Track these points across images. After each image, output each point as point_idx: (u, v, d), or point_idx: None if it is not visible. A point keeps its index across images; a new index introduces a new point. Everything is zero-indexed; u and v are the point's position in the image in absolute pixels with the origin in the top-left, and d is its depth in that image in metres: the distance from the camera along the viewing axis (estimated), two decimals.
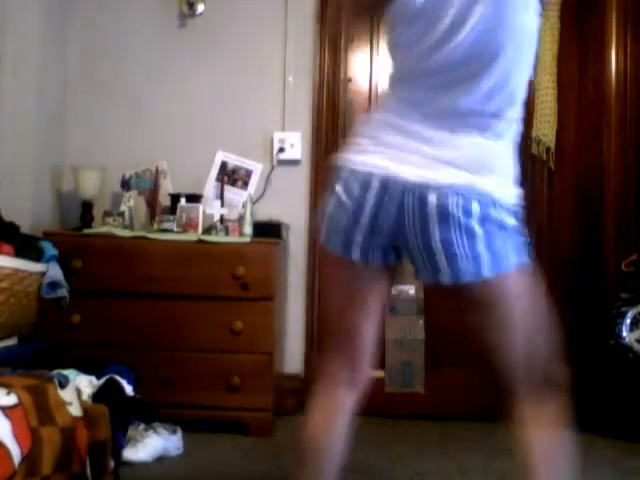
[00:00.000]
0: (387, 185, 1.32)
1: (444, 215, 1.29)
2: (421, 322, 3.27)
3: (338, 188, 1.39)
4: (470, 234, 1.30)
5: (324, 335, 1.58)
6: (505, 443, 1.56)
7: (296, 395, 3.10)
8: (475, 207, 1.29)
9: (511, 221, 1.34)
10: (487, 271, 1.31)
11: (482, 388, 3.26)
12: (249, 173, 3.33)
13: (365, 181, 1.35)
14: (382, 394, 3.21)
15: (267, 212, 3.22)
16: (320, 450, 1.48)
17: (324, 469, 1.47)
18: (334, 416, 1.50)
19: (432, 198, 1.29)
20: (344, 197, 1.38)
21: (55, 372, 2.05)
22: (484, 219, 1.30)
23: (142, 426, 2.54)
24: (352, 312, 1.48)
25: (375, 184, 1.33)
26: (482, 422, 3.10)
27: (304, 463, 1.49)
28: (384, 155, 1.35)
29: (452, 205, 1.29)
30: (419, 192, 1.30)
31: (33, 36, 3.08)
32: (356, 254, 1.40)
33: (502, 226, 1.32)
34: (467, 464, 2.57)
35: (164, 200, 3.23)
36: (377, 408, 3.17)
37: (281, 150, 3.32)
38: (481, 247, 1.30)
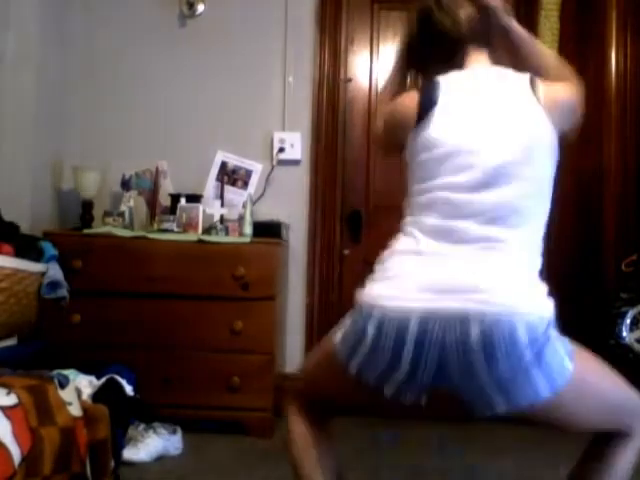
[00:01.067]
0: (426, 325, 1.24)
1: (489, 349, 1.22)
2: None
3: (370, 330, 1.29)
4: (519, 361, 1.23)
5: (303, 372, 1.58)
6: (505, 443, 1.56)
7: None
8: (522, 332, 1.22)
9: (554, 333, 1.29)
10: (545, 392, 1.26)
11: None
12: (249, 173, 3.33)
13: (402, 324, 1.25)
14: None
15: (267, 212, 3.22)
16: (309, 467, 1.49)
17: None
18: (314, 436, 1.50)
19: (475, 333, 1.22)
20: (379, 341, 1.28)
21: (55, 372, 2.04)
22: (532, 342, 1.23)
23: (142, 426, 2.54)
24: (339, 398, 1.47)
25: (414, 326, 1.24)
26: (482, 422, 3.10)
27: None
28: (417, 289, 1.27)
29: (497, 337, 1.21)
30: (460, 326, 1.22)
31: (33, 36, 3.08)
32: (390, 393, 1.33)
33: (550, 341, 1.27)
34: (467, 464, 2.57)
35: (164, 200, 3.22)
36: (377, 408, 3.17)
37: (281, 150, 3.32)
38: (534, 371, 1.24)
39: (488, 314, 1.22)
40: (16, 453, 1.64)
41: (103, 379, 2.36)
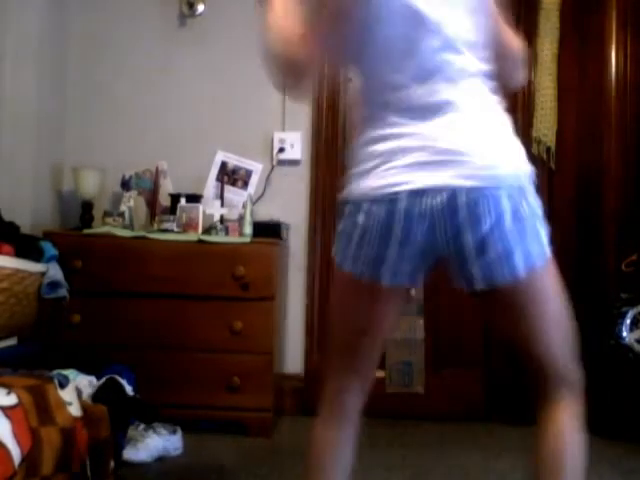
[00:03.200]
0: (415, 200, 1.27)
1: (475, 217, 1.25)
2: (421, 322, 3.27)
3: (361, 220, 1.32)
4: (502, 232, 1.26)
5: (330, 349, 1.55)
6: (505, 443, 1.56)
7: (296, 395, 3.10)
8: (505, 203, 1.26)
9: (537, 205, 1.32)
10: (521, 270, 1.29)
11: (482, 388, 3.27)
12: (249, 173, 3.33)
13: (391, 203, 1.28)
14: (382, 394, 3.21)
15: (267, 212, 3.22)
16: (328, 468, 1.47)
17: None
18: (341, 435, 1.48)
19: (461, 202, 1.25)
20: (370, 227, 1.31)
21: (55, 372, 2.05)
22: (515, 213, 1.27)
23: (142, 426, 2.54)
24: (365, 331, 1.44)
25: (402, 202, 1.27)
26: (482, 422, 3.11)
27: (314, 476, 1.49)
28: (399, 169, 1.29)
29: (482, 206, 1.25)
30: (447, 198, 1.25)
31: (33, 36, 3.08)
32: (386, 279, 1.34)
33: (533, 215, 1.30)
34: (467, 464, 2.57)
35: (164, 200, 3.22)
36: (377, 408, 3.17)
37: (281, 150, 3.32)
38: (514, 244, 1.27)
39: (472, 187, 1.25)
40: (16, 453, 1.64)
41: (103, 379, 2.36)
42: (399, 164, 1.30)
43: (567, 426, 1.42)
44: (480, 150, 1.28)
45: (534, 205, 1.32)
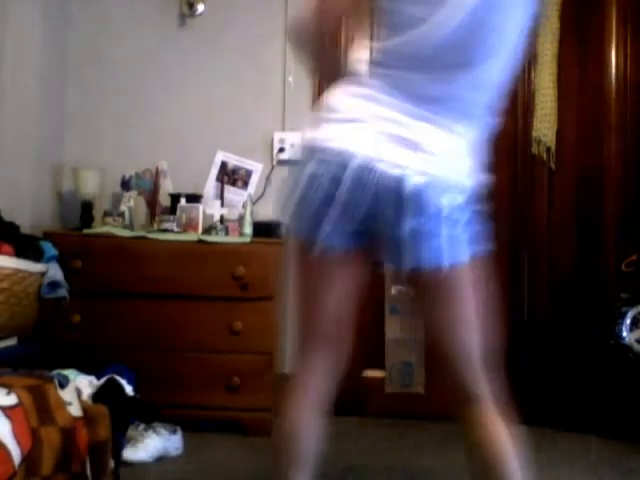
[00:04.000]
0: (366, 168, 1.31)
1: (417, 203, 1.30)
2: (421, 322, 3.27)
3: (313, 168, 1.36)
4: (437, 224, 1.32)
5: (300, 328, 1.56)
6: None
7: None
8: (446, 198, 1.32)
9: (473, 210, 1.38)
10: (446, 261, 1.34)
11: None
12: (249, 173, 3.33)
13: (344, 162, 1.32)
14: (382, 394, 3.21)
15: (267, 212, 3.22)
16: (297, 448, 1.50)
17: (302, 464, 1.50)
18: (312, 418, 1.49)
19: (408, 186, 1.30)
20: (319, 177, 1.34)
21: (55, 372, 2.05)
22: (452, 210, 1.33)
23: (142, 426, 2.54)
24: (329, 300, 1.46)
25: (354, 166, 1.31)
26: None
27: (283, 460, 1.52)
28: (363, 133, 1.33)
29: (426, 195, 1.30)
30: (398, 178, 1.30)
31: (33, 36, 3.08)
32: (323, 237, 1.37)
33: (467, 215, 1.36)
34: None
35: (164, 200, 3.22)
36: (377, 408, 3.17)
37: (281, 150, 3.32)
38: (444, 237, 1.33)
39: (424, 178, 1.30)
40: (16, 453, 1.64)
41: (103, 379, 2.35)
42: (368, 127, 1.34)
43: (488, 426, 1.43)
44: (441, 152, 1.34)
45: (470, 208, 1.37)
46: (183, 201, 3.11)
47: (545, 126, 3.22)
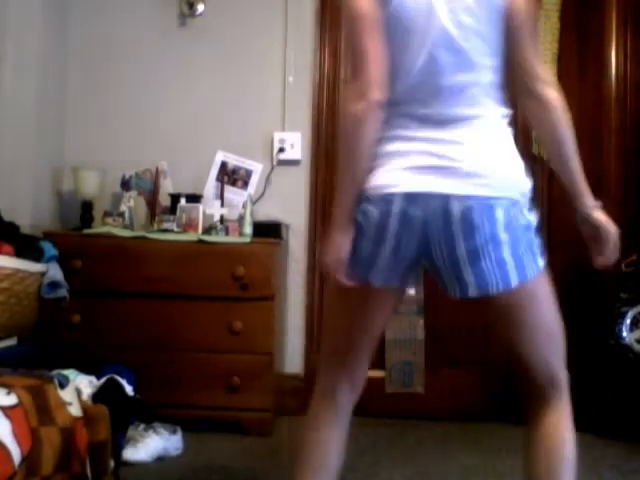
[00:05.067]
0: (409, 203, 1.30)
1: (468, 225, 1.28)
2: (421, 322, 3.27)
3: (358, 219, 1.34)
4: (496, 242, 1.29)
5: (323, 348, 1.57)
6: (505, 443, 1.56)
7: (296, 395, 3.10)
8: (499, 214, 1.29)
9: (532, 218, 1.35)
10: (514, 280, 1.31)
11: (482, 388, 3.27)
12: (249, 173, 3.33)
13: (386, 204, 1.31)
14: (382, 394, 3.21)
15: (267, 212, 3.22)
16: (319, 467, 1.48)
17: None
18: (332, 434, 1.50)
19: (456, 210, 1.27)
20: (365, 226, 1.33)
21: (55, 372, 2.05)
22: (509, 224, 1.30)
23: (142, 426, 2.54)
24: (359, 332, 1.46)
25: (397, 204, 1.30)
26: (482, 422, 3.11)
27: (303, 475, 1.49)
28: (399, 171, 1.32)
29: (476, 215, 1.27)
30: (442, 204, 1.28)
31: (33, 36, 3.08)
32: (377, 280, 1.36)
33: (527, 227, 1.34)
34: (467, 464, 2.57)
35: (164, 200, 3.22)
36: (377, 408, 3.17)
37: (281, 150, 3.31)
38: (507, 255, 1.30)
39: (466, 196, 1.28)
40: (16, 453, 1.65)
41: (103, 379, 2.36)
42: (398, 166, 1.32)
43: (560, 426, 1.44)
44: (478, 161, 1.32)
45: (529, 218, 1.35)
46: (183, 201, 3.11)
47: None
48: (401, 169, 1.32)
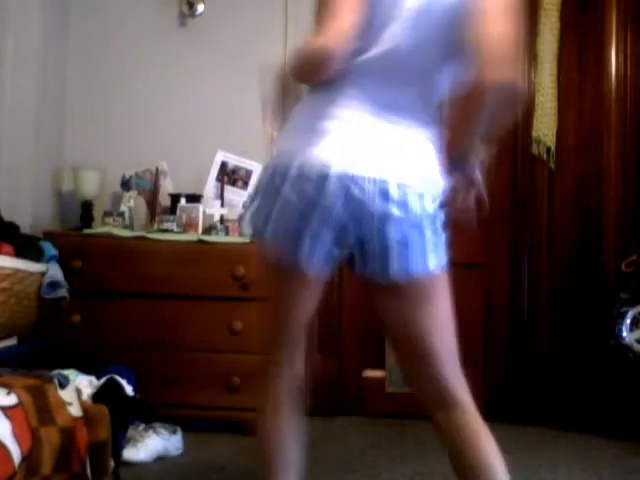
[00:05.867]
0: (344, 182, 1.29)
1: (402, 210, 1.30)
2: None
3: (287, 188, 1.31)
4: (421, 230, 1.32)
5: (265, 334, 1.61)
6: (505, 443, 1.56)
7: None
8: (428, 203, 1.32)
9: (444, 214, 1.39)
10: (432, 263, 1.35)
11: (482, 388, 3.27)
12: (249, 173, 3.33)
13: (320, 179, 1.29)
14: (382, 394, 3.20)
15: None
16: (276, 453, 1.50)
17: (284, 468, 1.50)
18: (284, 421, 1.52)
19: (393, 194, 1.29)
20: (294, 197, 1.31)
21: (55, 372, 2.05)
22: (435, 216, 1.34)
23: (142, 426, 2.54)
24: (295, 314, 1.48)
25: (332, 182, 1.29)
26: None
27: (265, 466, 1.50)
28: (337, 147, 1.31)
29: (410, 201, 1.30)
30: (380, 188, 1.29)
31: (33, 36, 3.08)
32: (303, 252, 1.35)
33: (442, 222, 1.37)
34: None
35: (164, 200, 3.22)
36: (377, 408, 3.17)
37: None
38: (429, 242, 1.34)
39: (402, 183, 1.30)
40: (16, 453, 1.65)
41: (103, 379, 2.35)
42: (339, 142, 1.32)
43: (475, 427, 1.49)
44: (418, 157, 1.35)
45: (443, 215, 1.38)
46: (183, 201, 3.11)
47: (545, 126, 3.22)
48: (340, 148, 1.32)
